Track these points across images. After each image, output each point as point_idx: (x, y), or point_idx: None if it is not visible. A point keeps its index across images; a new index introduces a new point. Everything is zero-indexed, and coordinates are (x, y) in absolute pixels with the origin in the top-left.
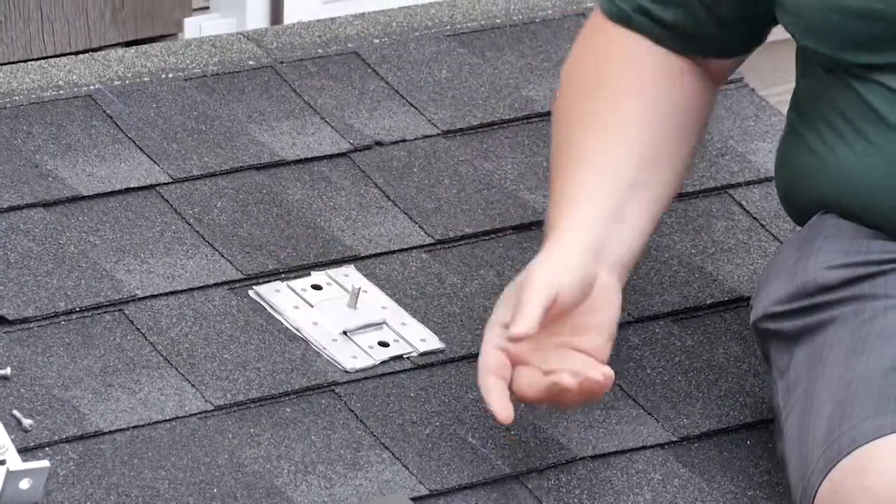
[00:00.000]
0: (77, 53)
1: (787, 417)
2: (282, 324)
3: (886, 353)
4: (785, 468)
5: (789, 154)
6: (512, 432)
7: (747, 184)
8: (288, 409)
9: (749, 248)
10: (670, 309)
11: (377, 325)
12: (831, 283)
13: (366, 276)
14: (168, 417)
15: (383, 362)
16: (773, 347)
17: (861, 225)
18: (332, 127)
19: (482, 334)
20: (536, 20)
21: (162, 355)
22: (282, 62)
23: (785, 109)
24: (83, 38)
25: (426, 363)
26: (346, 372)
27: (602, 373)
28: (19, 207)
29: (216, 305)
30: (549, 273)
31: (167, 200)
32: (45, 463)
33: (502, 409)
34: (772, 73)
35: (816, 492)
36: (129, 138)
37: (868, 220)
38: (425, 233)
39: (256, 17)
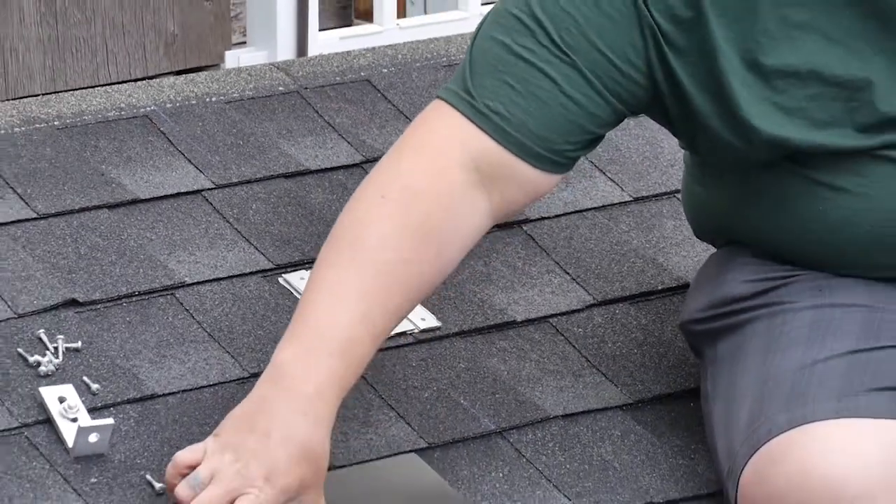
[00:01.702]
0: (136, 80)
1: (714, 401)
2: None
3: (795, 355)
4: (713, 446)
5: (685, 186)
6: None
7: None
8: None
9: (693, 243)
10: (628, 293)
11: None
12: (745, 294)
13: None
14: (211, 383)
15: (389, 337)
16: (701, 342)
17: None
18: (348, 142)
19: (473, 313)
20: None
21: (206, 331)
22: (306, 88)
23: None
24: (141, 67)
25: (425, 338)
26: None
27: None
28: (88, 209)
29: (251, 290)
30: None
31: (210, 203)
32: (110, 420)
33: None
34: None
35: (741, 474)
36: (179, 151)
37: (760, 251)
38: None
39: (285, 50)
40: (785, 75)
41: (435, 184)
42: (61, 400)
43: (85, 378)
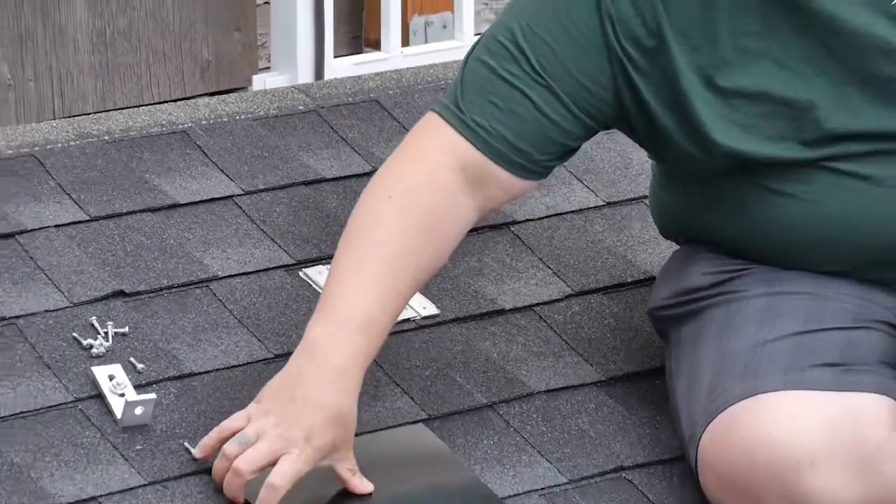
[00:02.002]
0: (175, 101)
1: (677, 377)
2: None
3: (748, 336)
4: (677, 416)
5: (652, 192)
6: None
7: None
8: None
9: (658, 241)
10: (602, 285)
11: None
12: (704, 284)
13: None
14: (241, 363)
15: (395, 323)
16: (666, 327)
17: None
18: (359, 154)
19: (468, 302)
20: None
21: (236, 318)
22: (323, 107)
23: None
24: (180, 89)
25: (426, 324)
26: None
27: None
28: (133, 212)
29: (275, 282)
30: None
31: (240, 207)
32: (153, 395)
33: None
34: None
35: (700, 439)
36: (213, 162)
37: (717, 248)
38: None
39: (305, 74)
40: (740, 95)
41: (431, 185)
42: (111, 378)
43: (131, 359)
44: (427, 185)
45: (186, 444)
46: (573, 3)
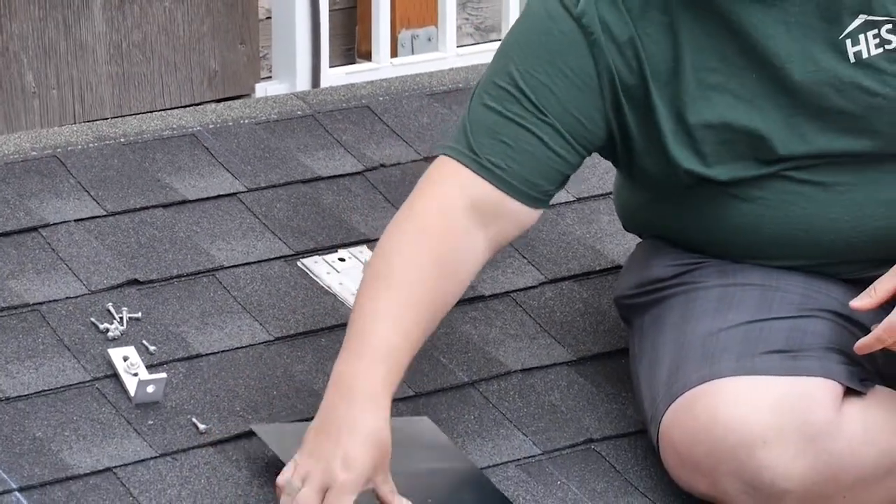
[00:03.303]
0: (185, 107)
1: (640, 361)
2: (319, 284)
3: (704, 324)
4: (639, 398)
5: (616, 191)
6: None
7: None
8: (323, 340)
9: (624, 234)
10: (573, 273)
11: None
12: (665, 276)
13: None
14: (244, 345)
15: None
16: (630, 314)
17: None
18: (352, 155)
19: None
20: None
21: (240, 304)
22: (319, 112)
23: None
24: (189, 96)
25: None
26: None
27: None
28: (147, 208)
29: (276, 272)
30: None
31: (244, 203)
32: (164, 375)
33: None
34: None
35: (661, 420)
36: (219, 162)
37: (677, 244)
38: None
39: (303, 82)
40: (703, 128)
41: (445, 227)
42: (125, 359)
43: (144, 341)
44: (441, 227)
45: (194, 419)
46: (567, 50)
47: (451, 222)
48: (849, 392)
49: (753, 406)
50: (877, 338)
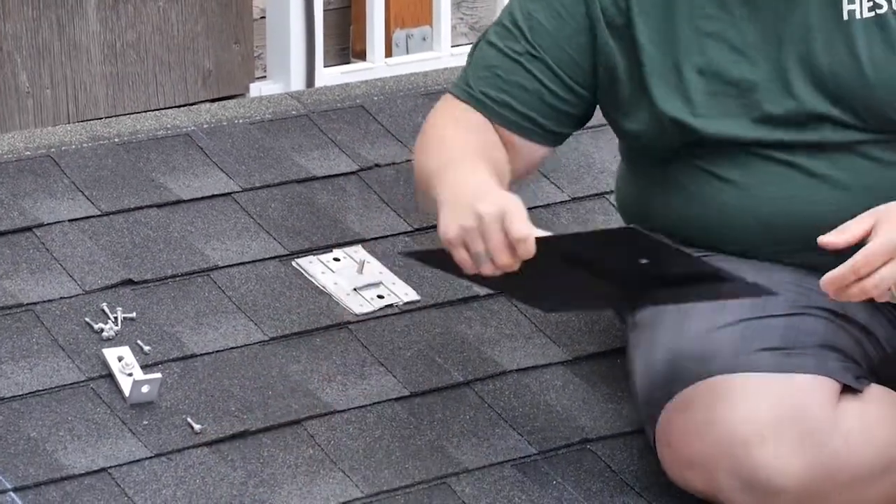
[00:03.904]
0: (179, 106)
1: (636, 360)
2: (313, 283)
3: (701, 323)
4: (635, 396)
5: (618, 188)
6: None
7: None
8: (318, 340)
9: None
10: None
11: (376, 284)
12: None
13: (368, 252)
14: (239, 345)
15: (380, 308)
16: (626, 312)
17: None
18: (347, 154)
19: (446, 289)
20: None
21: (235, 304)
22: (314, 112)
23: None
24: (183, 96)
25: (408, 309)
26: (356, 315)
27: None
28: (141, 207)
29: (270, 272)
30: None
31: (238, 203)
32: (158, 375)
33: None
34: None
35: (658, 418)
36: (214, 162)
37: (671, 235)
38: (407, 224)
39: (297, 82)
40: (695, 73)
41: (470, 123)
42: (120, 359)
43: (139, 341)
44: (468, 122)
45: (189, 419)
46: None
47: (473, 123)
48: (845, 390)
49: (750, 404)
50: (851, 268)
